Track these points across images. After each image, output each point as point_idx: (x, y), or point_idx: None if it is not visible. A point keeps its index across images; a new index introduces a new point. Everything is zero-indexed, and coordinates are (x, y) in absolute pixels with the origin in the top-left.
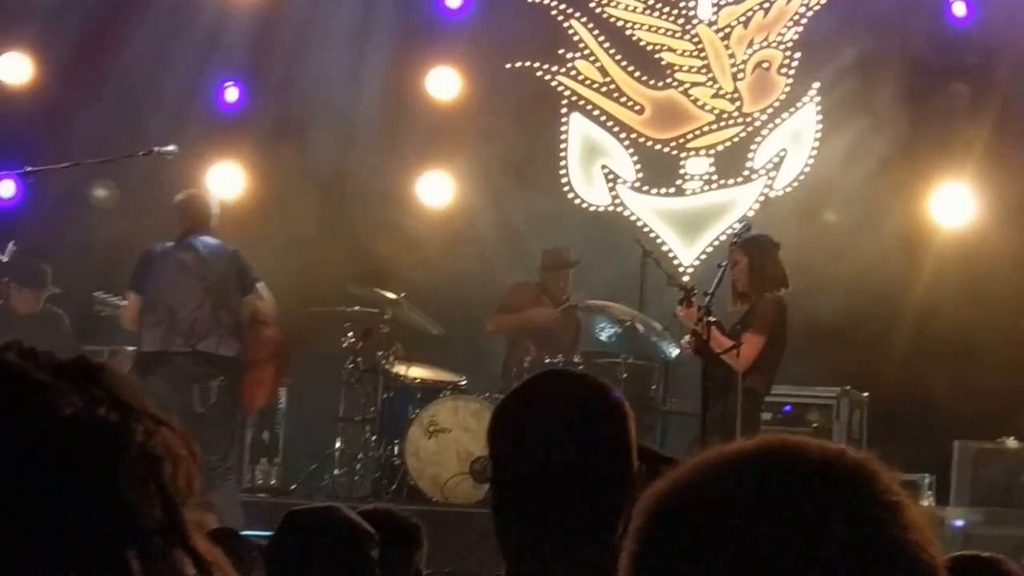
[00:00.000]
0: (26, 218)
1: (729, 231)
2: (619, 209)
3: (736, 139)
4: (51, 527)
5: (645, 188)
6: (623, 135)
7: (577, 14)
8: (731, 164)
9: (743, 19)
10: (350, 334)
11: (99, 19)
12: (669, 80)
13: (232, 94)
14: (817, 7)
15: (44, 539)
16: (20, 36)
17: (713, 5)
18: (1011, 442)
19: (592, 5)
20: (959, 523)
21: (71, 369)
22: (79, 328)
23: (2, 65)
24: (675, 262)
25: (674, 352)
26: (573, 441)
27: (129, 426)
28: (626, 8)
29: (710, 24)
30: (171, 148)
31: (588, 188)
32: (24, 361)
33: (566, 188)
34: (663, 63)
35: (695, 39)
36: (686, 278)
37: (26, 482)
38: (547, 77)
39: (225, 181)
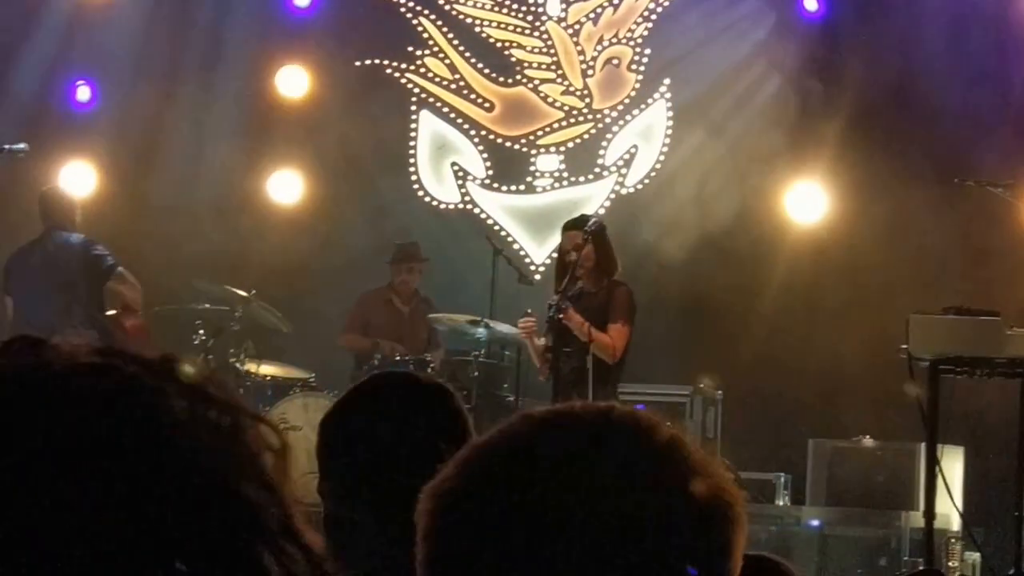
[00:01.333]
0: None
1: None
2: (469, 207)
3: (586, 136)
4: (181, 528)
5: (495, 185)
6: (473, 132)
7: (426, 11)
8: (582, 161)
9: (592, 16)
10: (200, 332)
11: None
12: (519, 77)
13: (84, 93)
14: (667, 3)
15: (176, 540)
16: None
17: (562, 2)
18: (867, 441)
19: (441, 2)
20: (815, 523)
21: (160, 367)
22: None
23: None
24: (526, 260)
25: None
26: (400, 448)
27: (238, 426)
28: (475, 5)
29: (559, 21)
30: (22, 146)
31: (438, 185)
32: (115, 359)
33: (416, 185)
34: (512, 60)
35: (544, 36)
36: (537, 276)
37: (141, 487)
38: (396, 74)
39: (78, 180)
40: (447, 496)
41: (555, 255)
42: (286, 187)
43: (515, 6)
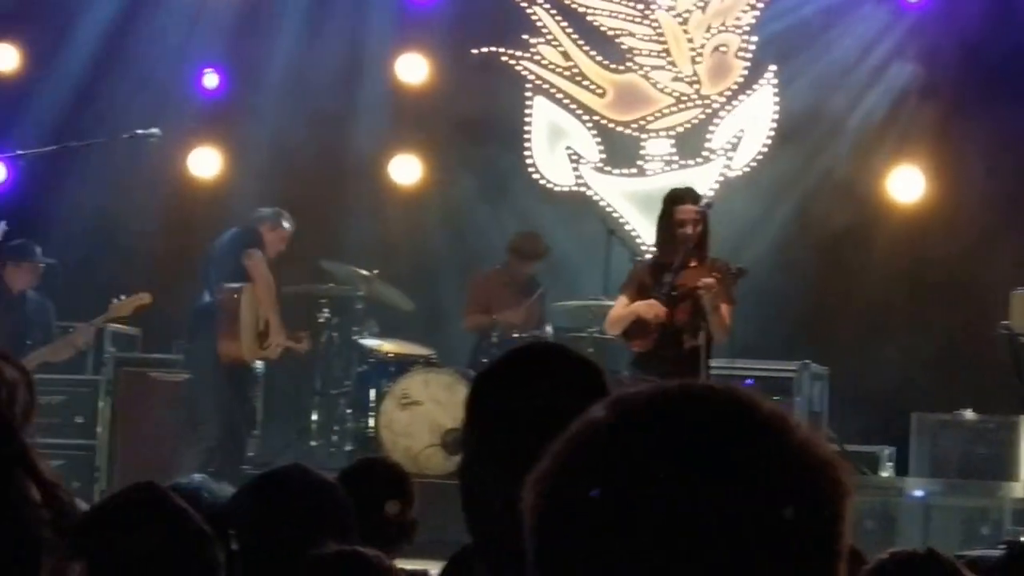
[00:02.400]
0: (15, 200)
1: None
2: (583, 189)
3: (695, 121)
4: None
5: (608, 169)
6: (586, 117)
7: (540, 1)
8: (690, 145)
9: (701, 4)
10: (325, 310)
11: (81, 7)
12: (630, 64)
13: (211, 80)
14: None
15: None
16: (4, 26)
17: None
18: (968, 414)
19: None
20: (919, 493)
21: None
22: (63, 303)
23: None
24: (637, 240)
25: None
26: (553, 412)
27: None
28: None
29: (669, 9)
30: (154, 131)
31: (553, 169)
32: None
33: (531, 169)
34: (624, 47)
35: (654, 24)
36: (648, 255)
37: None
38: (511, 62)
39: (204, 163)
40: (551, 481)
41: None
42: (406, 169)
43: None
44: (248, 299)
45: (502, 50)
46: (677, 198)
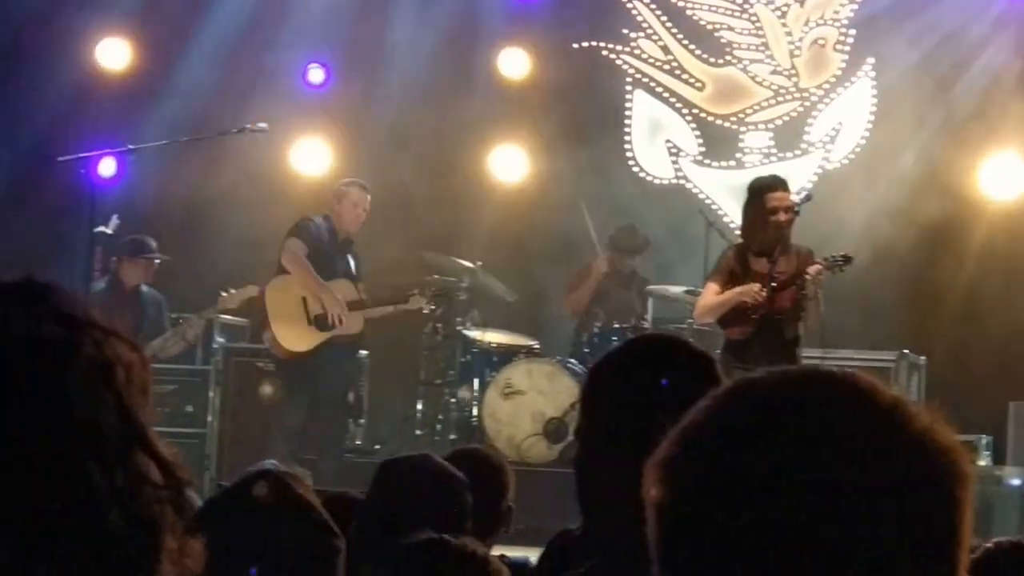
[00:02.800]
0: (127, 194)
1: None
2: (682, 182)
3: (793, 114)
4: (6, 445)
5: (706, 162)
6: (685, 111)
7: None
8: (788, 138)
9: None
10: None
11: (191, 3)
12: (729, 57)
13: (317, 74)
14: None
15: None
16: (117, 23)
17: None
18: None
19: None
20: (1016, 482)
21: (17, 290)
22: (173, 296)
23: (101, 51)
24: (736, 232)
25: None
26: (664, 401)
27: (77, 338)
28: None
29: (767, 3)
30: (262, 126)
31: (652, 162)
32: None
33: (631, 162)
34: (723, 41)
35: (753, 18)
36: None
37: None
38: (612, 56)
39: (311, 157)
40: (671, 468)
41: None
42: (509, 162)
43: None
44: (278, 291)
45: (603, 44)
46: (769, 185)
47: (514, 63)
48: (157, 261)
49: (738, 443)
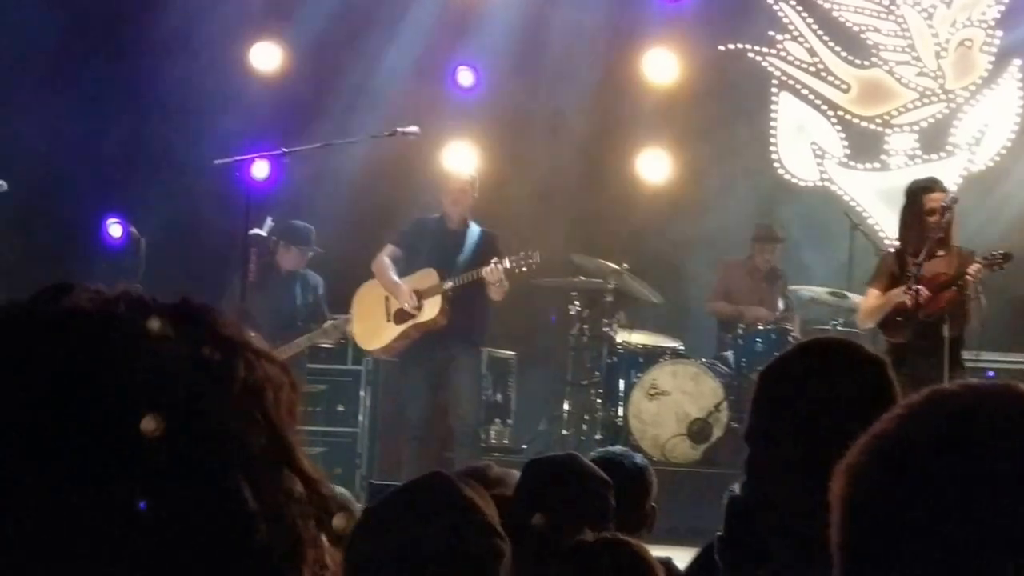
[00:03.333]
0: (281, 196)
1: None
2: (826, 184)
3: (938, 115)
4: (164, 464)
5: (851, 164)
6: (830, 113)
7: None
8: (934, 140)
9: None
10: (576, 303)
11: (341, 6)
12: (874, 59)
13: (466, 77)
14: None
15: (158, 476)
16: (269, 27)
17: None
18: None
19: None
20: None
21: (176, 314)
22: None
23: (255, 54)
24: (880, 233)
25: None
26: (832, 409)
27: (231, 362)
28: None
29: (914, 5)
30: (413, 129)
31: (797, 164)
32: (132, 312)
33: (776, 164)
34: (869, 43)
35: (900, 19)
36: (891, 249)
37: (136, 425)
38: (758, 58)
39: (460, 160)
40: (863, 474)
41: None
42: (655, 164)
43: None
44: (363, 294)
45: (748, 46)
46: (925, 187)
47: (661, 65)
48: (310, 254)
49: (931, 454)
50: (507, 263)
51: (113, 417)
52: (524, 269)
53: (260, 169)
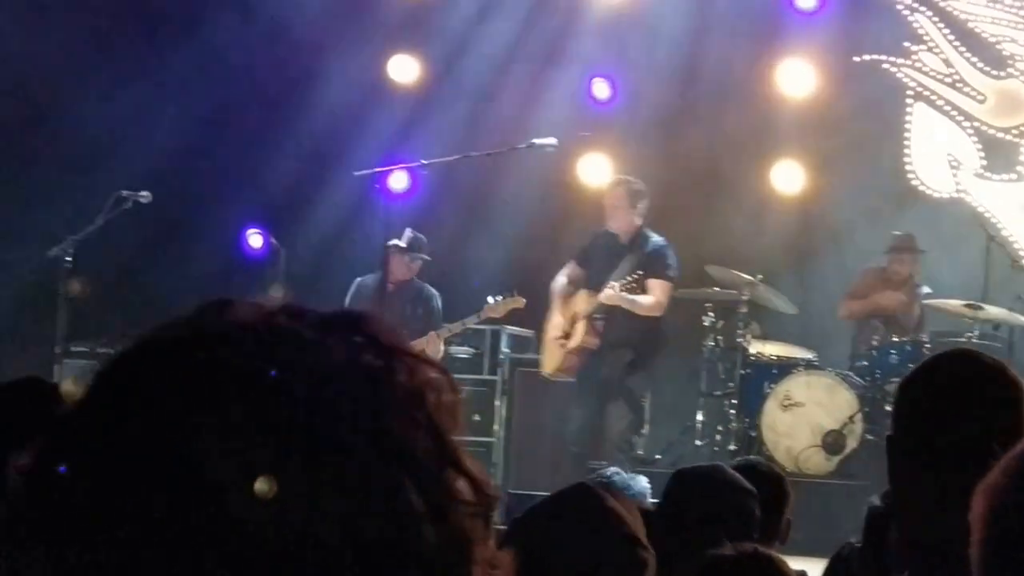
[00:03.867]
0: (419, 207)
1: None
2: (962, 195)
3: None
4: (333, 466)
5: (987, 175)
6: (966, 124)
7: (923, 8)
8: None
9: None
10: (710, 314)
11: (477, 18)
12: (1011, 70)
13: (602, 88)
14: None
15: (327, 477)
16: (407, 39)
17: None
18: None
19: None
20: None
21: (336, 322)
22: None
23: (393, 67)
24: (1016, 246)
25: None
26: (972, 421)
27: (392, 367)
28: (969, 2)
29: None
30: (550, 141)
31: (932, 176)
32: (293, 321)
33: (911, 176)
34: (1005, 53)
35: None
36: None
37: (308, 431)
38: (893, 69)
39: (595, 171)
40: (1003, 495)
41: None
42: (789, 176)
43: (1008, 1)
44: (550, 319)
45: (884, 57)
46: None
47: (796, 76)
48: (418, 262)
49: None
50: (616, 288)
51: (291, 424)
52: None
53: (399, 180)
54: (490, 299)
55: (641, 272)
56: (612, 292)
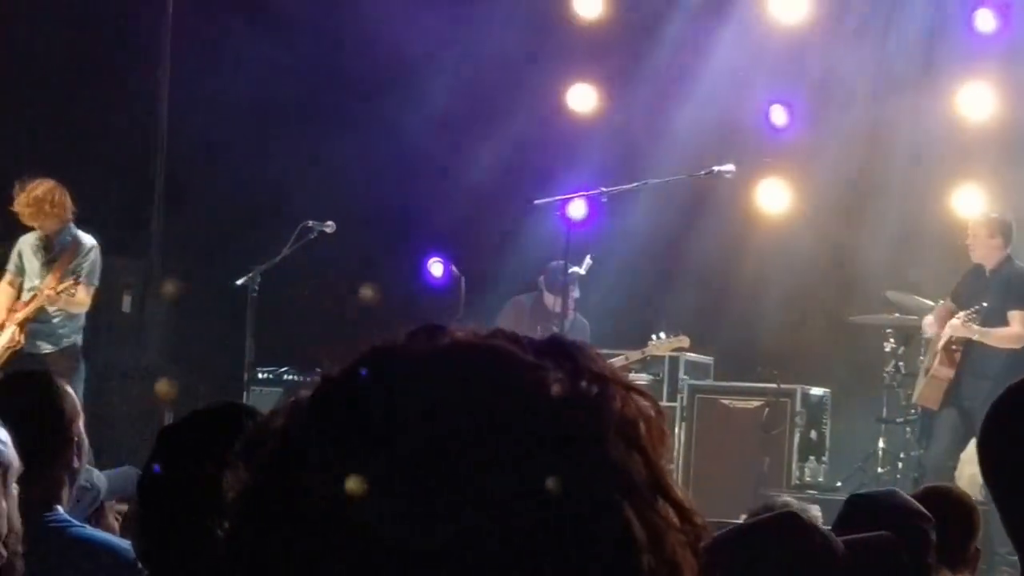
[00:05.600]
0: (598, 236)
1: None
2: None
3: None
4: (558, 495)
5: None
6: None
7: None
8: None
9: None
10: (891, 340)
11: (651, 45)
12: None
13: (779, 115)
14: None
15: (553, 505)
16: (582, 67)
17: None
18: None
19: None
20: None
21: (550, 348)
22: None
23: (572, 96)
24: None
25: None
26: None
27: (608, 395)
28: None
29: None
30: (729, 167)
31: None
32: (512, 344)
33: None
34: None
35: None
36: None
37: (527, 453)
38: None
39: (772, 197)
40: None
41: None
42: (970, 199)
43: None
44: None
45: None
46: None
47: (974, 99)
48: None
49: None
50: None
51: (516, 451)
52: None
53: (577, 208)
54: (654, 337)
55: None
56: (958, 323)
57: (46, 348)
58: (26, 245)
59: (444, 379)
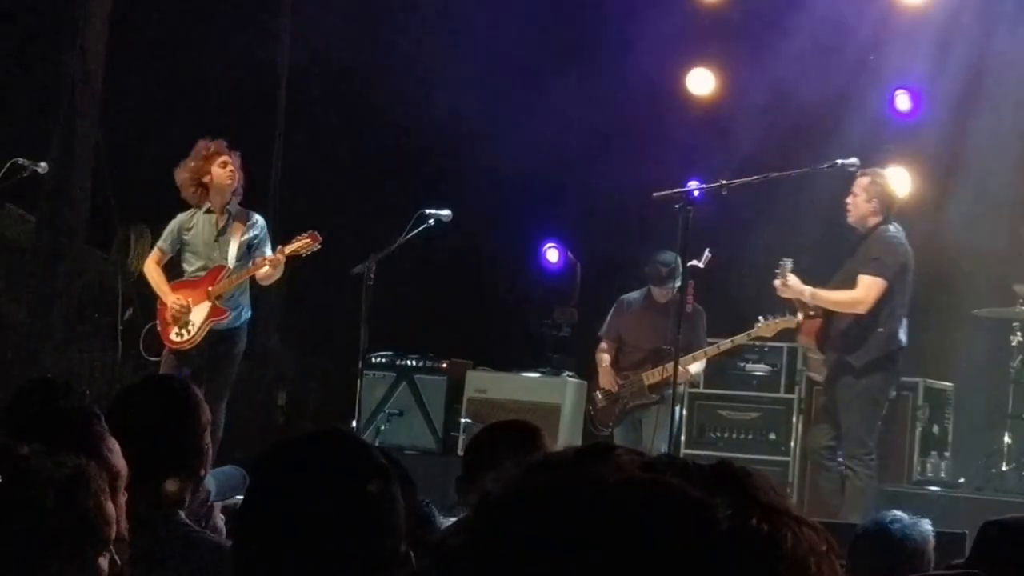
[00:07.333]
0: (717, 227)
1: None
2: None
3: None
4: None
5: None
6: None
7: None
8: None
9: None
10: (1018, 334)
11: (777, 32)
12: None
13: (904, 101)
14: None
15: None
16: (700, 50)
17: None
18: None
19: None
20: None
21: (720, 478)
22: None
23: (692, 80)
24: None
25: None
26: None
27: (780, 533)
28: None
29: None
30: (853, 161)
31: None
32: (680, 479)
33: None
34: None
35: None
36: None
37: None
38: None
39: (895, 185)
40: None
41: None
42: None
43: None
44: None
45: None
46: None
47: None
48: (669, 293)
49: None
50: None
51: None
52: None
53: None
54: (761, 318)
55: None
56: None
57: (236, 323)
58: (185, 222)
59: (616, 519)
